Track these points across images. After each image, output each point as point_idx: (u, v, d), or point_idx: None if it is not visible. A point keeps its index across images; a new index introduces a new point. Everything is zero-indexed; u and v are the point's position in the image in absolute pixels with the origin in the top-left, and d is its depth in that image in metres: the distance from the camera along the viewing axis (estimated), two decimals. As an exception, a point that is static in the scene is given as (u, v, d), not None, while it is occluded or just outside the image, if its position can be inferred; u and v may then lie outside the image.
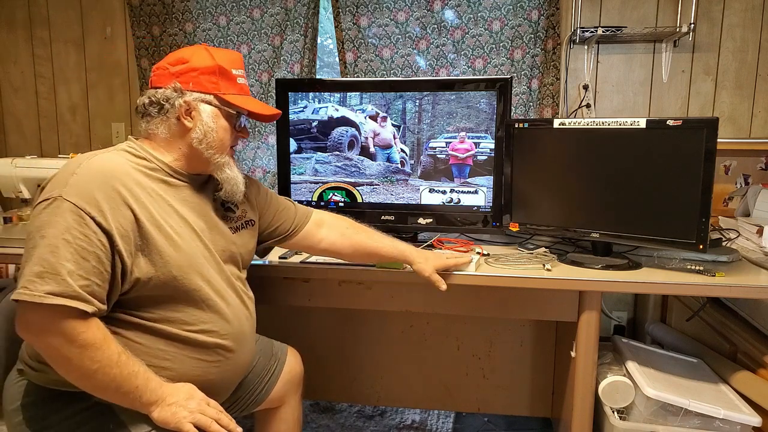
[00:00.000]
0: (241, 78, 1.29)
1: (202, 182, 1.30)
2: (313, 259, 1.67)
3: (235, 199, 1.31)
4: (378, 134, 1.86)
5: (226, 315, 1.25)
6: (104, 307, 1.09)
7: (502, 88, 1.76)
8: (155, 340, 1.16)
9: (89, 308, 1.06)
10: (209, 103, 1.23)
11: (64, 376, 1.09)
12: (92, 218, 1.06)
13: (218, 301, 1.23)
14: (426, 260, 1.49)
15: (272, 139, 2.44)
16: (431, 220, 1.85)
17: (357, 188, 1.90)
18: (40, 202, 1.07)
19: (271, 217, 1.49)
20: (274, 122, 2.19)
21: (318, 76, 2.50)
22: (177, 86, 1.21)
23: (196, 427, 1.11)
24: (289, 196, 1.93)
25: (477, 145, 1.81)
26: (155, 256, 1.13)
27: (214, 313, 1.22)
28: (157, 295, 1.16)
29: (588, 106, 2.24)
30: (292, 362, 1.57)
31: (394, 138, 1.86)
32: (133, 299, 1.14)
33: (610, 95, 2.27)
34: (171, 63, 1.24)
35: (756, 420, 1.47)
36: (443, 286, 1.48)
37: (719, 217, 2.06)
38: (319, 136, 1.89)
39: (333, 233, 1.53)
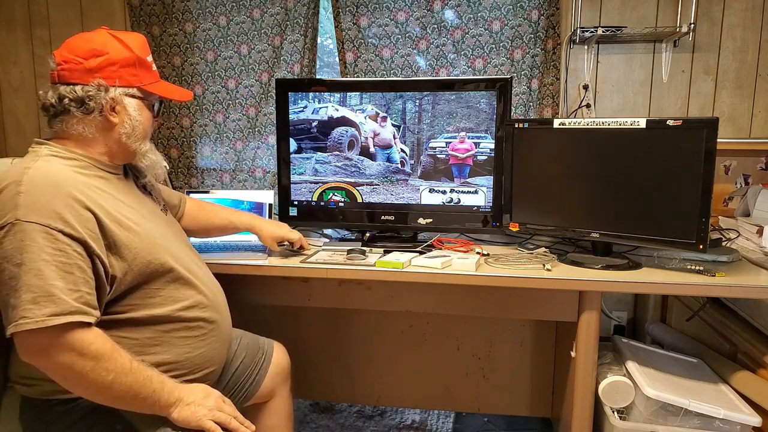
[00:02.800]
0: (153, 64, 1.28)
1: (123, 172, 1.31)
2: (313, 258, 1.67)
3: (160, 180, 1.34)
4: (378, 134, 1.86)
5: (200, 287, 1.27)
6: (98, 313, 1.09)
7: (502, 88, 1.76)
8: (142, 330, 1.17)
9: (90, 318, 1.06)
10: (133, 96, 1.22)
11: (81, 394, 1.09)
12: (60, 231, 1.04)
13: (190, 276, 1.25)
14: (267, 230, 1.61)
15: (272, 139, 2.44)
16: (431, 220, 1.85)
17: (357, 188, 1.90)
18: None
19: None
20: (274, 122, 2.19)
21: (318, 76, 2.50)
22: (101, 83, 1.17)
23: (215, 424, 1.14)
24: (289, 197, 1.94)
25: (477, 145, 1.80)
26: (124, 251, 1.13)
27: (190, 288, 1.25)
28: (135, 286, 1.17)
29: (588, 106, 2.24)
30: (279, 355, 1.59)
31: (394, 138, 1.86)
32: (113, 297, 1.15)
33: (610, 95, 2.27)
34: (82, 56, 1.18)
35: (756, 420, 1.47)
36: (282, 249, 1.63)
37: (719, 217, 2.06)
38: (319, 136, 1.89)
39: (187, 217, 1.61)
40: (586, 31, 2.10)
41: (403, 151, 1.86)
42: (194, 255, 1.39)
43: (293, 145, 1.91)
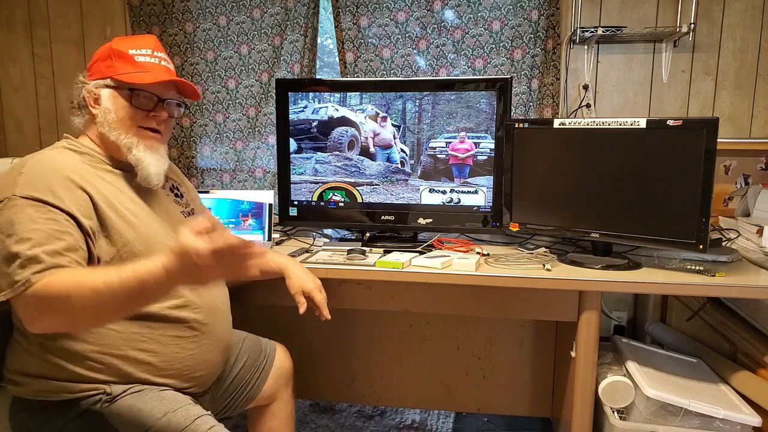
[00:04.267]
0: (142, 56, 1.27)
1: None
2: (313, 258, 1.67)
3: (150, 183, 1.26)
4: (378, 134, 1.86)
5: (194, 290, 1.27)
6: (77, 256, 1.07)
7: (502, 88, 1.76)
8: (127, 324, 1.17)
9: (46, 263, 1.02)
10: (108, 86, 1.25)
11: (88, 327, 1.11)
12: (50, 204, 1.08)
13: None
14: (298, 279, 1.52)
15: (272, 139, 2.44)
16: (431, 220, 1.85)
17: (357, 188, 1.90)
18: None
19: None
20: (274, 122, 2.19)
21: (318, 76, 2.50)
22: (80, 80, 1.26)
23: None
24: (289, 197, 1.94)
25: (477, 145, 1.81)
26: (115, 236, 1.15)
27: (183, 289, 1.24)
28: None
29: (588, 106, 2.24)
30: (281, 358, 1.59)
31: (394, 138, 1.86)
32: None
33: (610, 95, 2.26)
34: (89, 63, 1.30)
35: (756, 420, 1.47)
36: (302, 309, 1.51)
37: (719, 217, 2.06)
38: (319, 136, 1.89)
39: None
40: (586, 31, 2.10)
41: (403, 151, 1.86)
42: None
43: (293, 145, 1.91)
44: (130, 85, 1.25)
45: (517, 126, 1.72)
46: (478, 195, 1.83)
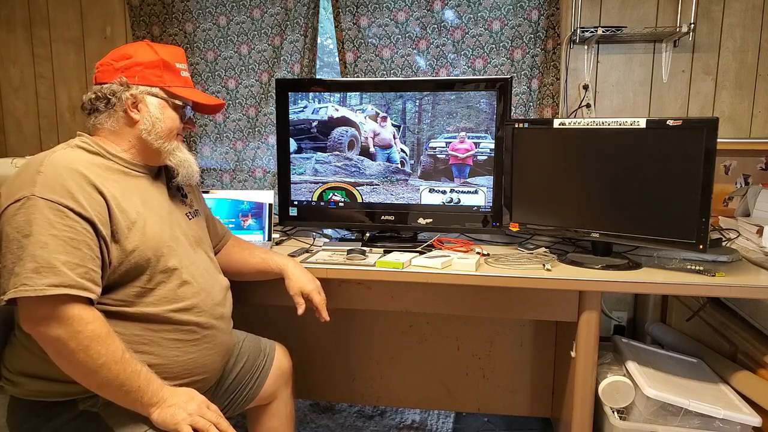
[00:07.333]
0: (184, 71, 1.33)
1: (156, 173, 1.33)
2: (313, 259, 1.68)
3: (192, 181, 1.34)
4: (378, 134, 1.86)
5: (199, 294, 1.27)
6: (99, 290, 1.11)
7: (502, 88, 1.76)
8: (129, 325, 1.17)
9: (91, 294, 1.08)
10: (156, 96, 1.26)
11: (68, 372, 1.10)
12: (71, 209, 1.08)
13: (190, 280, 1.26)
14: (297, 279, 1.53)
15: (272, 139, 2.44)
16: (431, 220, 1.85)
17: (357, 188, 1.90)
18: (10, 204, 1.08)
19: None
20: (274, 122, 2.19)
21: (318, 76, 2.50)
22: (123, 80, 1.25)
23: (194, 429, 1.12)
24: (289, 196, 1.94)
25: (477, 145, 1.80)
26: (124, 241, 1.15)
27: (189, 291, 1.25)
28: (129, 279, 1.17)
29: (588, 106, 2.24)
30: (281, 357, 1.59)
31: (394, 138, 1.86)
32: (106, 286, 1.15)
33: (610, 95, 2.27)
34: (115, 59, 1.27)
35: (756, 420, 1.47)
36: (300, 310, 1.52)
37: (719, 217, 2.06)
38: (319, 136, 1.89)
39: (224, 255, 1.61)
40: (586, 31, 2.10)
41: (403, 151, 1.86)
42: (210, 263, 1.39)
43: (293, 145, 1.91)
44: (184, 100, 1.29)
45: (517, 126, 1.72)
46: (478, 195, 1.83)
